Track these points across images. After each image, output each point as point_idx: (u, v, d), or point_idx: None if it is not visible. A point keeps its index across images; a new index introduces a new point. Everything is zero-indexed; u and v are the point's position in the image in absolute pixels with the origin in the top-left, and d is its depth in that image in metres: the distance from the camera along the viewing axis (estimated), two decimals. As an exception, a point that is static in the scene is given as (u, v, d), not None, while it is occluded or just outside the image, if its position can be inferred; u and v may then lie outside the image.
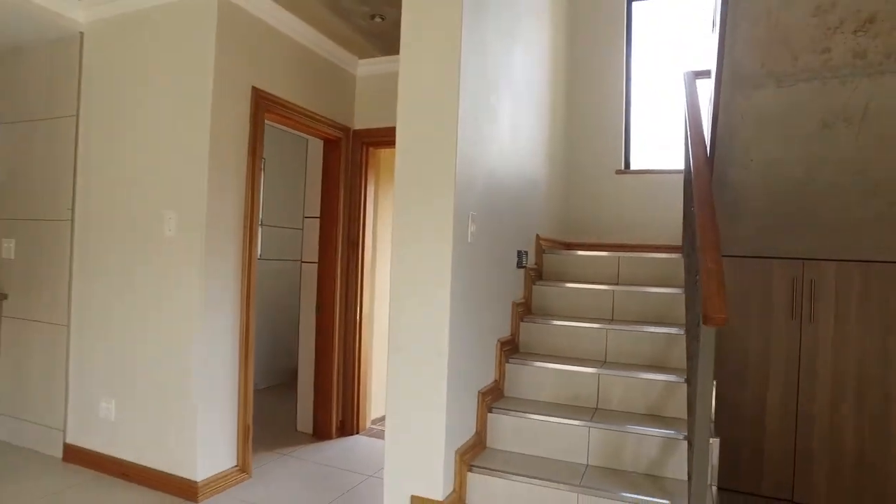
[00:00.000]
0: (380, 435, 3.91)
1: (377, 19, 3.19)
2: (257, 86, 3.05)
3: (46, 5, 3.04)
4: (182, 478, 2.82)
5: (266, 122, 3.18)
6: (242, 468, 3.04)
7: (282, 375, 5.26)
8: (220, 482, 2.89)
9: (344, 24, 3.29)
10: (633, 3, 4.58)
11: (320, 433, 3.79)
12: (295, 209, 4.74)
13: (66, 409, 3.23)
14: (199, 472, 2.80)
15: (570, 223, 4.50)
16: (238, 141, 2.96)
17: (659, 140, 4.48)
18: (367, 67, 3.83)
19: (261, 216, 3.93)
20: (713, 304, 1.68)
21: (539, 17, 3.57)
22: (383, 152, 3.98)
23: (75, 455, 3.17)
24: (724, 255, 2.95)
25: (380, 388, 4.12)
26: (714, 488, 2.19)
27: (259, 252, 4.17)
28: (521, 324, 3.13)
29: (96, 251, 3.15)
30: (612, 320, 3.11)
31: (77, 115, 3.25)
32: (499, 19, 2.76)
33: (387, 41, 3.50)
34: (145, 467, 2.93)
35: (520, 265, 3.18)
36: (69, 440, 3.21)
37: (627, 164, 4.52)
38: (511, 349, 3.02)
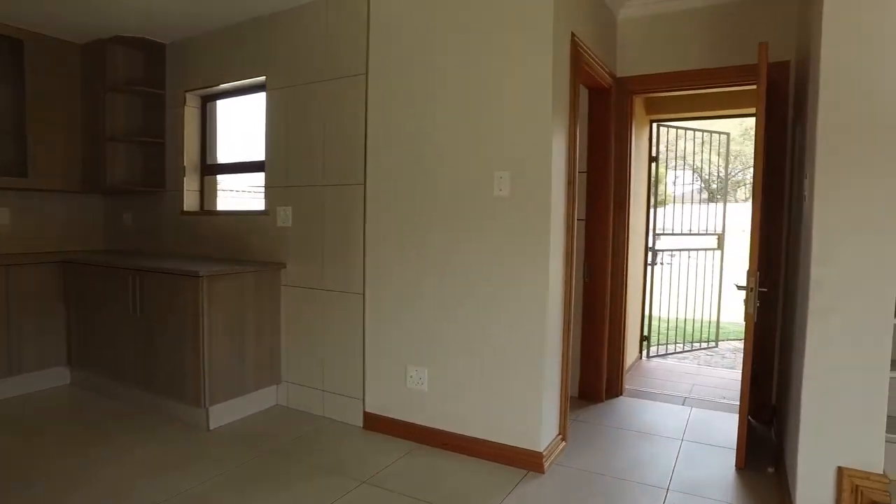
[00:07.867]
0: (639, 395, 3.82)
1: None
2: (575, 32, 2.81)
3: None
4: (525, 449, 2.74)
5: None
6: (563, 435, 2.97)
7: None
8: (551, 451, 2.82)
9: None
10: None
11: (588, 395, 3.70)
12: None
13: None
14: (542, 442, 2.73)
15: None
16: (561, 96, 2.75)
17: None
18: (632, 10, 3.54)
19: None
20: None
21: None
22: (636, 100, 3.72)
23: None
24: None
25: (630, 349, 3.99)
26: None
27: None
28: None
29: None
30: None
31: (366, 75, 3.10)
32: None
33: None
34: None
35: None
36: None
37: None
38: None
